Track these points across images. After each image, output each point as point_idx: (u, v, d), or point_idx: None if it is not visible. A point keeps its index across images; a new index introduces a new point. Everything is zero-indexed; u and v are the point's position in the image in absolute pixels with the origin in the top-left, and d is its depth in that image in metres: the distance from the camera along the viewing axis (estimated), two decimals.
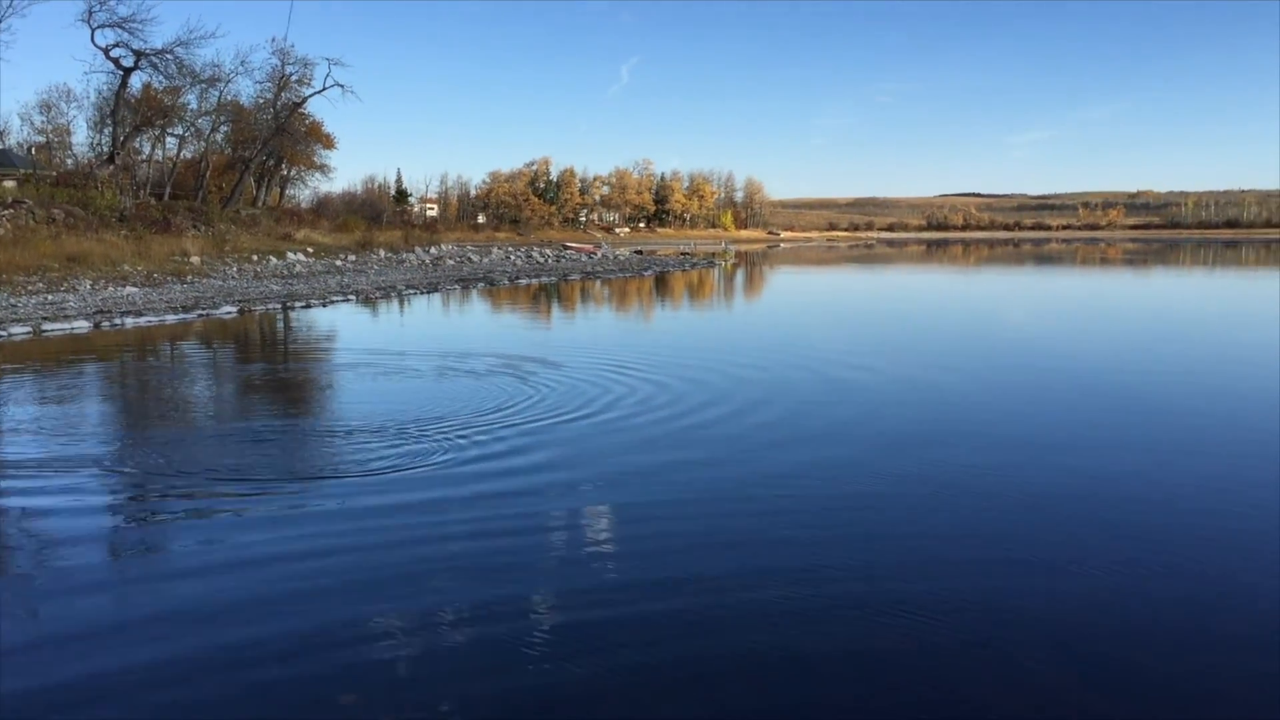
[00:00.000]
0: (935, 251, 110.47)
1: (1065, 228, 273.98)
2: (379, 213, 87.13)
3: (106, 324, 24.04)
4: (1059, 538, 7.81)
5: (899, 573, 6.99)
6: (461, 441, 11.02)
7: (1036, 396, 14.53)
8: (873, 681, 5.39)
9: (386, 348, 19.88)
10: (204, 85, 59.54)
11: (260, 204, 69.10)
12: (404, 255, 58.01)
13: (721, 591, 6.69)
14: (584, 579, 6.96)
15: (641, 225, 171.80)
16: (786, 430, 11.93)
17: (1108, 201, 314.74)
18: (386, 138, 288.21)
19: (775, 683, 5.39)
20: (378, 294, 35.98)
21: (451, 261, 57.69)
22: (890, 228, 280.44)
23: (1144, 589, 6.68)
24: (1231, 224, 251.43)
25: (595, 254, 76.81)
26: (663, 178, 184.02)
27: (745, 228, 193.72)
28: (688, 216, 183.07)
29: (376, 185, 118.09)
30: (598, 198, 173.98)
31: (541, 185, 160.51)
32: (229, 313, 27.86)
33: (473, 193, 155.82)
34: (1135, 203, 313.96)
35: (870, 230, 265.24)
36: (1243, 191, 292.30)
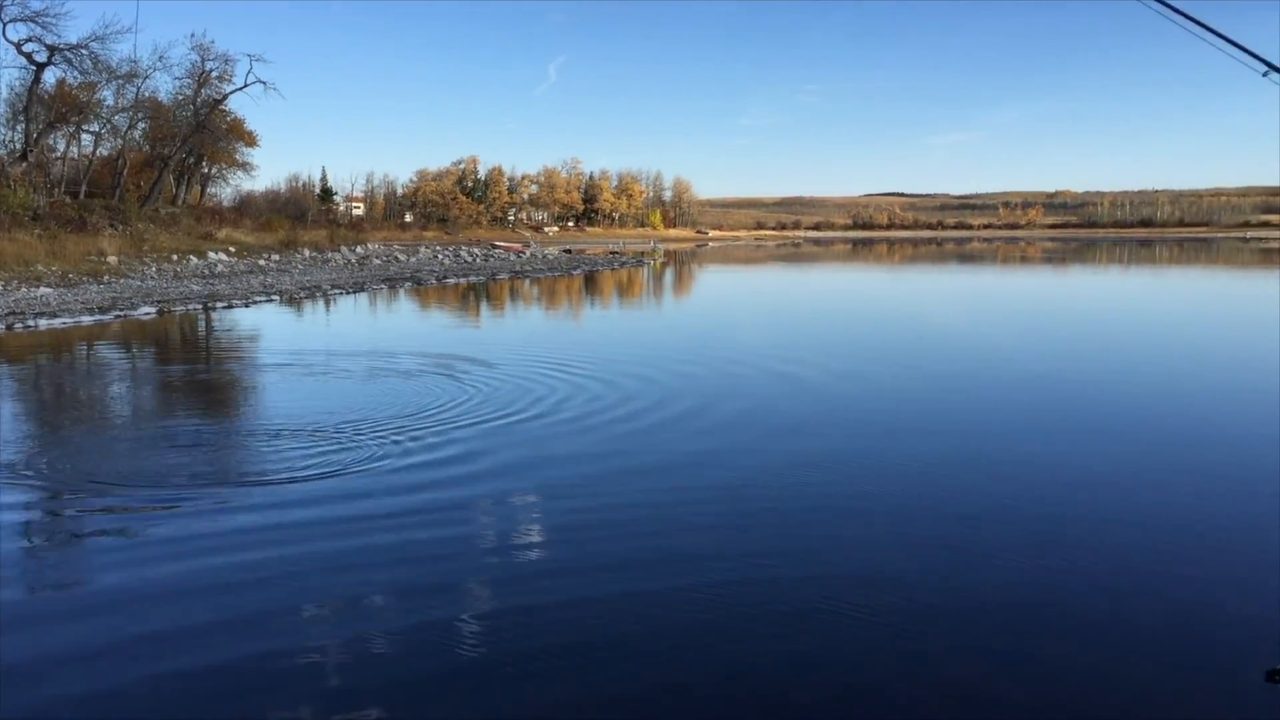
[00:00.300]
0: (861, 250, 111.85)
1: (986, 227, 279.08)
2: (303, 211, 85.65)
3: (19, 325, 23.25)
4: (976, 532, 7.85)
5: (824, 578, 6.94)
6: (394, 443, 10.80)
7: (968, 389, 14.70)
8: (801, 682, 5.35)
9: (313, 348, 19.50)
10: (121, 81, 57.93)
11: (180, 203, 67.46)
12: (329, 255, 57.08)
13: (648, 579, 6.64)
14: (514, 577, 6.83)
15: (570, 224, 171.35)
16: (711, 421, 11.92)
17: (1027, 201, 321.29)
18: (311, 135, 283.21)
19: (703, 684, 5.33)
20: (302, 294, 35.34)
21: (378, 261, 56.94)
22: (817, 227, 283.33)
23: (1055, 581, 6.74)
24: (1146, 223, 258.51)
25: (524, 253, 76.46)
26: (591, 177, 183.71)
27: (674, 227, 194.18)
28: (616, 215, 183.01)
29: (301, 184, 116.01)
30: (526, 197, 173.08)
31: (469, 184, 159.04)
32: (148, 314, 27.12)
33: (399, 191, 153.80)
34: (1054, 202, 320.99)
35: (797, 229, 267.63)
36: (1156, 191, 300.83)
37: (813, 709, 5.08)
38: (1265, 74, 4.79)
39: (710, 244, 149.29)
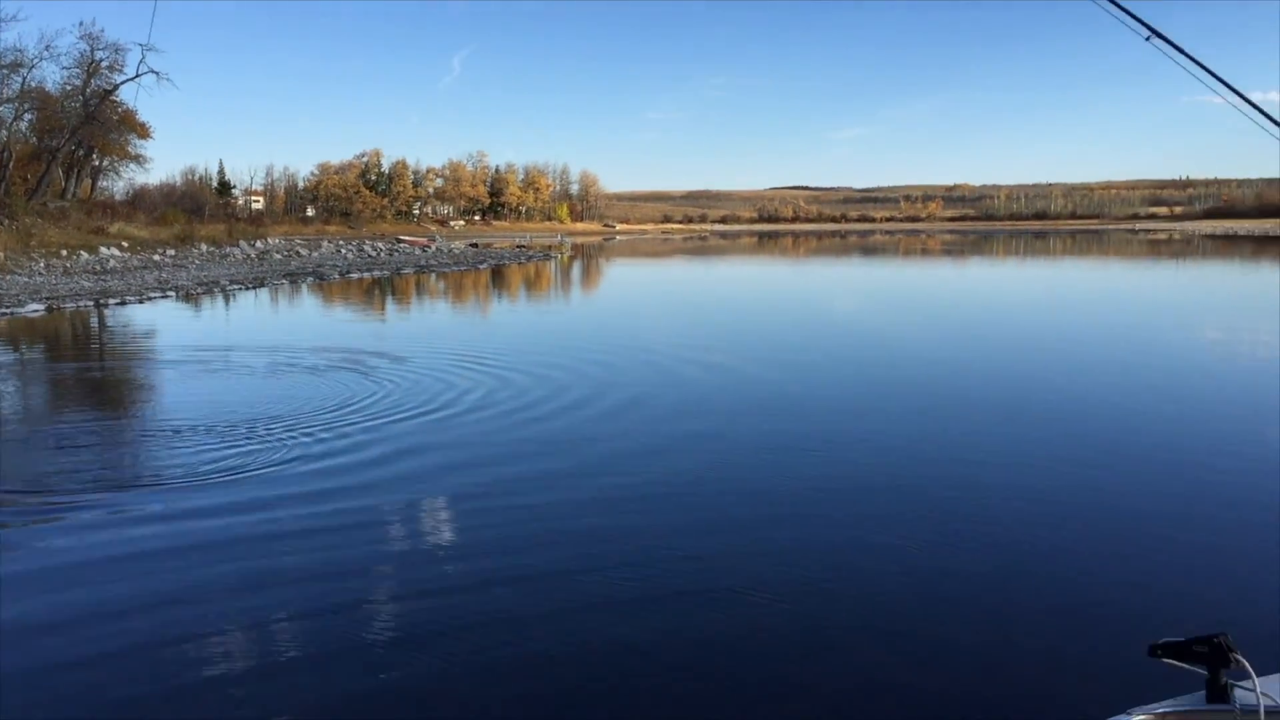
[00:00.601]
0: (767, 244, 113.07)
1: (889, 220, 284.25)
2: (200, 205, 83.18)
3: None
4: (878, 517, 7.89)
5: (728, 559, 6.90)
6: (301, 440, 10.46)
7: (864, 377, 14.86)
8: (701, 664, 5.29)
9: (212, 344, 18.89)
10: (5, 70, 55.57)
11: (70, 196, 64.96)
12: (228, 250, 55.59)
13: (555, 577, 6.51)
14: (420, 574, 6.63)
15: (477, 218, 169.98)
16: (624, 420, 11.79)
17: (927, 194, 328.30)
18: (208, 128, 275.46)
19: (607, 667, 5.24)
20: (200, 290, 34.30)
21: (279, 256, 55.67)
22: (724, 220, 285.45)
23: (952, 562, 6.79)
24: (1040, 215, 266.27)
25: (429, 247, 75.52)
26: (497, 170, 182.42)
27: (581, 220, 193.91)
28: (523, 209, 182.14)
29: (197, 177, 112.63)
30: (431, 190, 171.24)
31: (373, 178, 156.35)
32: (35, 311, 26.02)
33: (301, 185, 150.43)
34: (952, 195, 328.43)
35: (704, 223, 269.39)
36: (1050, 185, 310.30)
37: (711, 689, 5.04)
38: (1148, 38, 4.83)
39: (618, 237, 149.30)
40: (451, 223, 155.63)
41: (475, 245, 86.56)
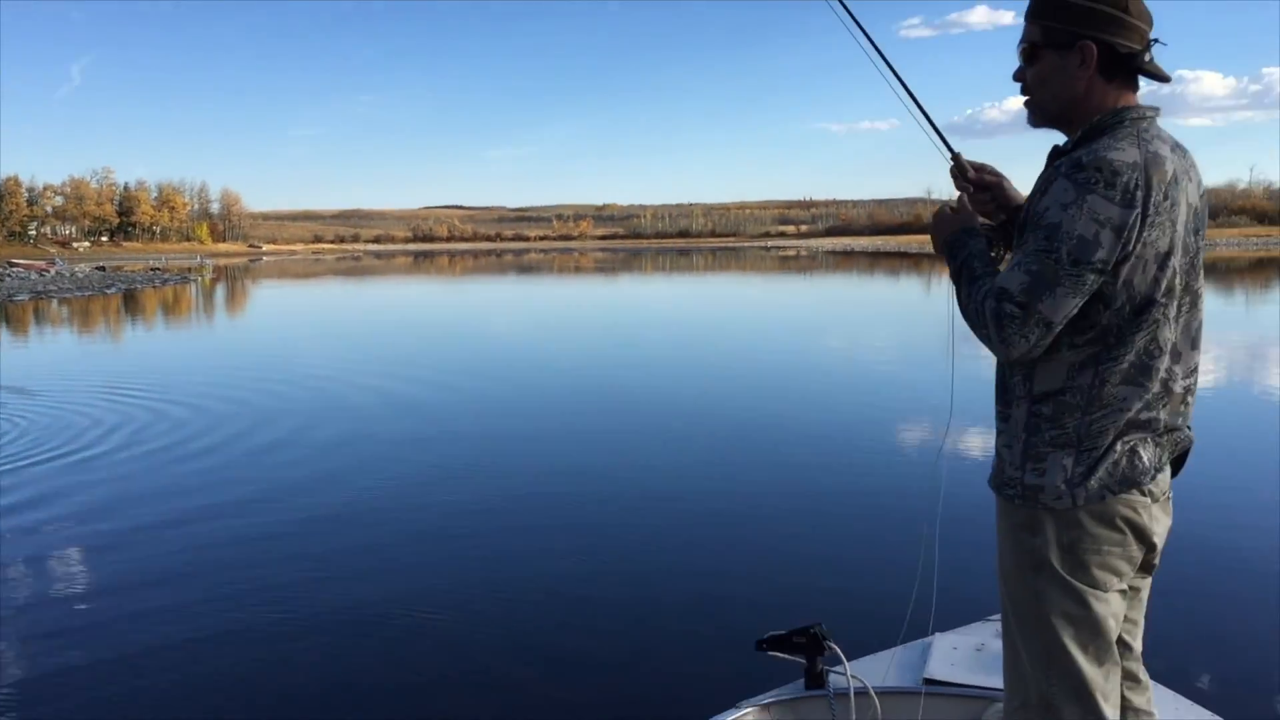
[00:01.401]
0: (424, 263, 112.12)
1: (543, 238, 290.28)
2: None
3: None
4: (525, 536, 8.19)
5: (378, 580, 6.90)
6: None
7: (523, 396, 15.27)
8: (349, 673, 5.33)
9: None
10: None
11: None
12: None
13: (183, 618, 6.26)
14: (45, 626, 6.20)
15: (105, 239, 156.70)
16: (276, 453, 11.43)
17: (579, 214, 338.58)
18: None
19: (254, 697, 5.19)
20: None
21: None
22: (377, 239, 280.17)
23: (592, 572, 7.08)
24: (684, 234, 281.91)
25: (49, 271, 69.01)
26: (127, 188, 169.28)
27: (224, 240, 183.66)
28: (158, 229, 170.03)
29: None
30: (50, 209, 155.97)
31: None
32: None
33: None
34: (602, 215, 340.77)
35: (356, 243, 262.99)
36: (692, 205, 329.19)
37: (368, 712, 5.02)
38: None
39: (265, 258, 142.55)
40: (75, 244, 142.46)
41: (103, 268, 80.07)
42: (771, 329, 27.29)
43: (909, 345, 21.40)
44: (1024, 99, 2.49)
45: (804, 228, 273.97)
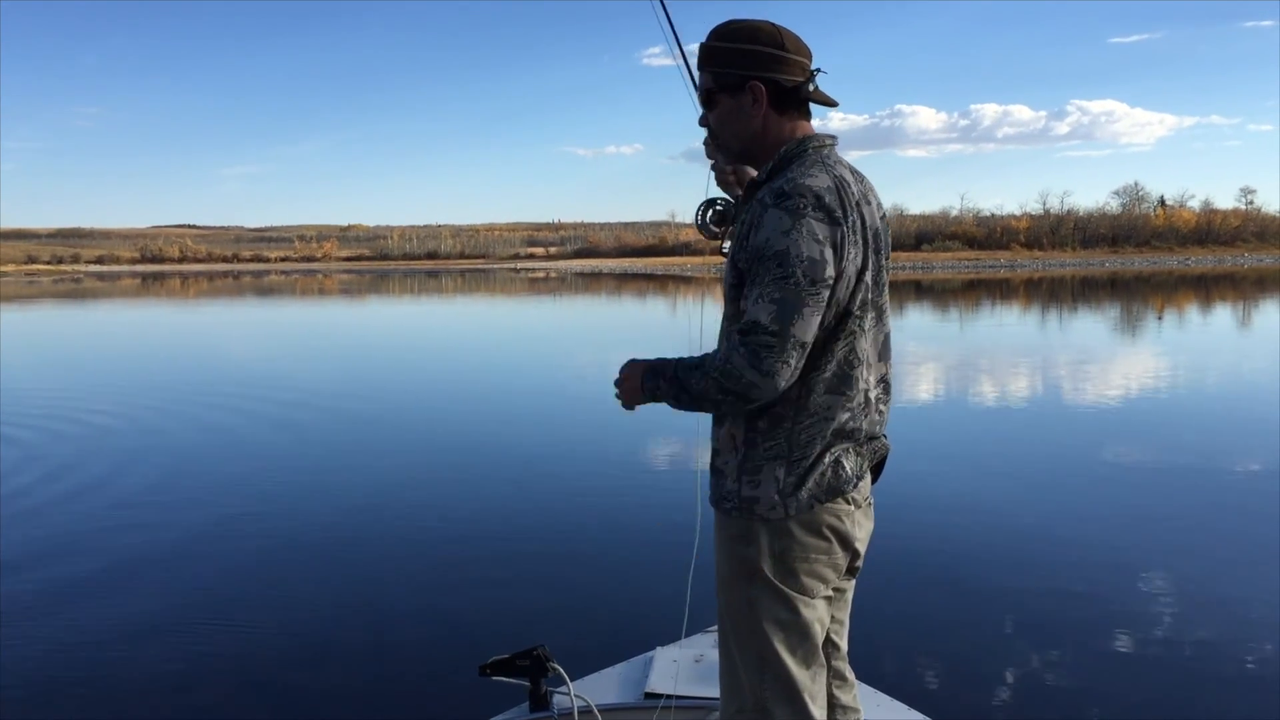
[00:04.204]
0: (153, 285, 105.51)
1: (284, 260, 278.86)
2: None
3: None
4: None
5: (181, 598, 6.65)
6: None
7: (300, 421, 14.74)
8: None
9: None
10: None
11: None
12: None
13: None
14: None
15: None
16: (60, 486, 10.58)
17: (322, 234, 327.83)
18: None
19: None
20: None
21: None
22: (100, 260, 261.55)
23: (322, 615, 7.10)
24: (433, 255, 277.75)
25: None
26: None
27: None
28: None
29: None
30: None
31: None
32: None
33: None
34: (348, 235, 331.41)
35: (77, 263, 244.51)
36: (440, 226, 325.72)
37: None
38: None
39: None
40: None
41: None
42: (523, 350, 27.41)
43: None
44: (712, 141, 2.66)
45: (553, 250, 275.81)
